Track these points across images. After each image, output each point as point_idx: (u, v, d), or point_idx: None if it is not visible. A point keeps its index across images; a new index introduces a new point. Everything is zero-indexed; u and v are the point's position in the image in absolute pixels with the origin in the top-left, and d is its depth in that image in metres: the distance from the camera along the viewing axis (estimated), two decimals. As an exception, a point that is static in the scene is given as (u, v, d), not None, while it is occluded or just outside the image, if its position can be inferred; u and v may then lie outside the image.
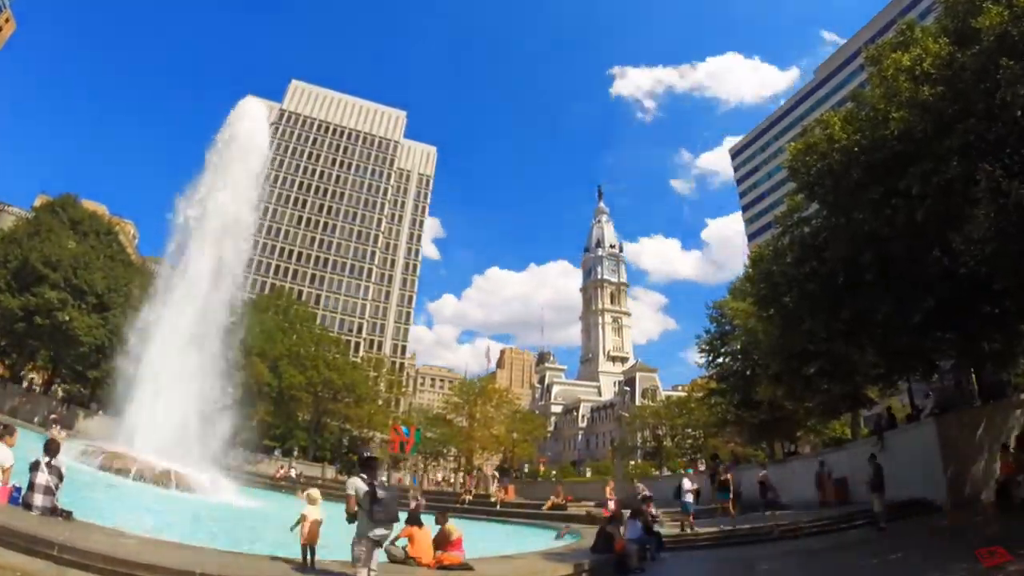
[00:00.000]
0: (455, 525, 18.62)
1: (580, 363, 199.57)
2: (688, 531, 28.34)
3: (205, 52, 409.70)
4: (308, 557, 14.06)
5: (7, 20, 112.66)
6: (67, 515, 14.11)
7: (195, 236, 44.89)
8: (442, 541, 17.38)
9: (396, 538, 16.13)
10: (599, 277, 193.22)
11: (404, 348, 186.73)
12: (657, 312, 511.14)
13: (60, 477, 14.40)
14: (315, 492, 15.38)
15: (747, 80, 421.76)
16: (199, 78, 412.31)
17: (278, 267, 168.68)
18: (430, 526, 17.62)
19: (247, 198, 48.19)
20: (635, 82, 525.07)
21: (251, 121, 51.84)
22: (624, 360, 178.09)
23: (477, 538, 20.75)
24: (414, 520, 17.03)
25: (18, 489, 14.28)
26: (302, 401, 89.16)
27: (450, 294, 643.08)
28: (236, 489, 39.26)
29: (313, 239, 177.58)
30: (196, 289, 42.87)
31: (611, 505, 34.77)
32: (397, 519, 12.74)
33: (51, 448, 14.69)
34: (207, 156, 48.66)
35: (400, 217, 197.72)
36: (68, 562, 10.99)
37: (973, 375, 33.33)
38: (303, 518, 14.28)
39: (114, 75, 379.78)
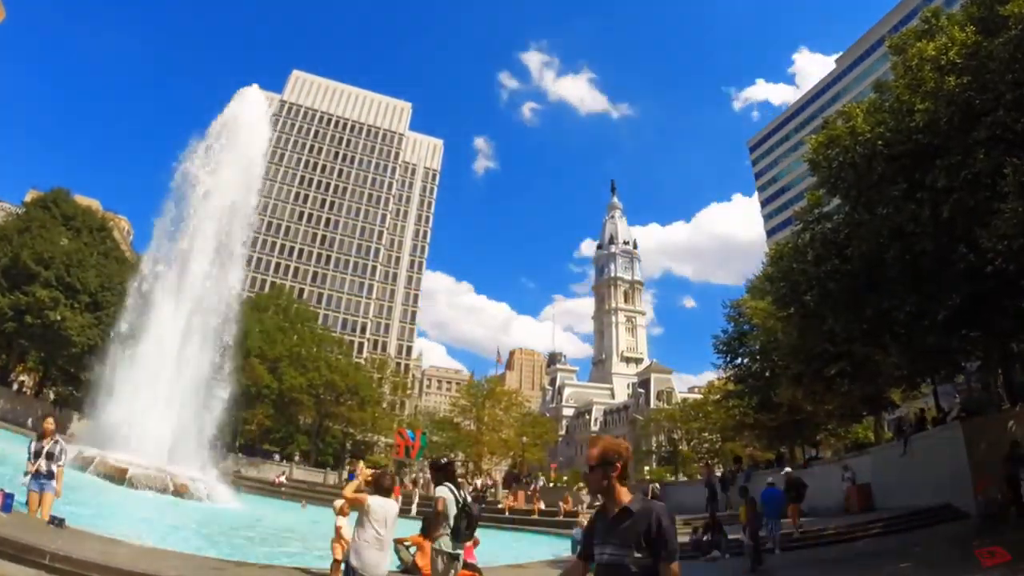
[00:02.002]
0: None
1: (592, 364, 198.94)
2: None
3: (202, 41, 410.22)
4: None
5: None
6: (60, 522, 14.13)
7: (191, 232, 44.97)
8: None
9: (407, 544, 16.18)
10: (612, 275, 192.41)
11: (409, 349, 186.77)
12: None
13: (62, 452, 15.73)
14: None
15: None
16: (196, 68, 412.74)
17: (278, 264, 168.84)
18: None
19: (246, 190, 48.27)
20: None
21: (250, 108, 51.94)
22: (638, 361, 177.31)
23: (484, 545, 20.81)
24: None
25: (9, 496, 14.29)
26: (303, 404, 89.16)
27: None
28: (235, 495, 39.40)
29: (315, 235, 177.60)
30: (192, 287, 42.95)
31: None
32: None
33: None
34: (203, 146, 48.74)
35: (405, 212, 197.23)
36: (60, 571, 11.02)
37: (1001, 376, 33.25)
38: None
39: (108, 66, 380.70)
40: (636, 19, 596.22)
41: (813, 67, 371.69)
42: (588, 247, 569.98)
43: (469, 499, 12.18)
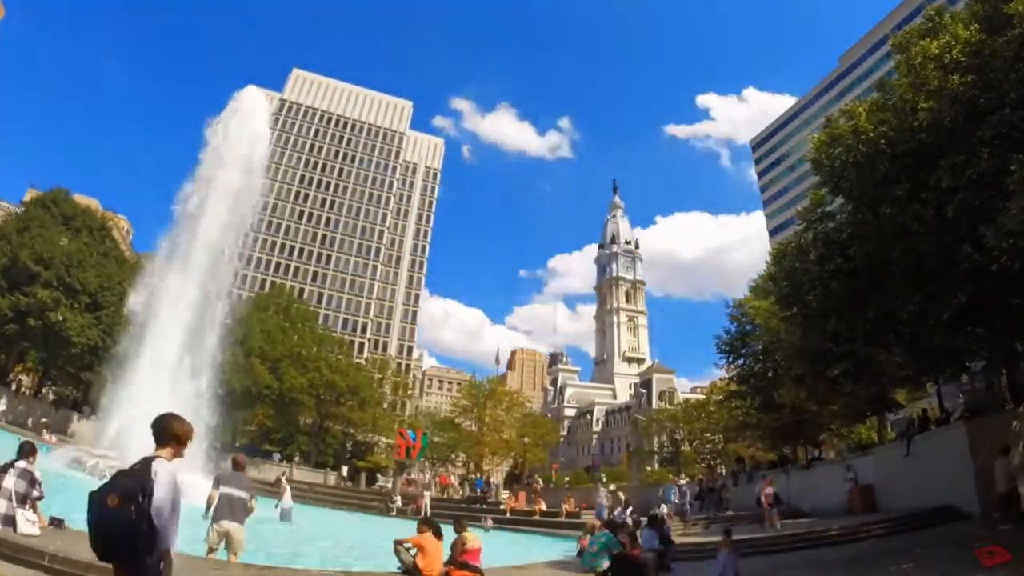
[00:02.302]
0: (474, 534, 18.61)
1: (594, 364, 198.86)
2: None
3: (202, 39, 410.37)
4: None
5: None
6: (59, 523, 14.08)
7: (190, 232, 44.94)
8: (456, 549, 17.35)
9: (407, 545, 16.16)
10: (614, 274, 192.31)
11: (410, 349, 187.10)
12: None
13: (33, 483, 13.62)
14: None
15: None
16: (195, 66, 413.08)
17: (278, 264, 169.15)
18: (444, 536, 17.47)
19: (245, 192, 48.21)
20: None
21: (251, 110, 51.91)
22: (640, 361, 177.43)
23: (485, 547, 20.81)
24: (430, 528, 16.86)
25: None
26: (304, 404, 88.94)
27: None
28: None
29: (315, 235, 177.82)
30: (191, 287, 42.94)
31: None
32: None
33: (25, 450, 13.98)
34: (203, 146, 48.74)
35: (406, 212, 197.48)
36: (59, 572, 11.01)
37: (1005, 376, 33.19)
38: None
39: (106, 64, 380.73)
40: (557, 65, 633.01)
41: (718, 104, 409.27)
42: (526, 273, 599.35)
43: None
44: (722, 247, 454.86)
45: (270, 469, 73.67)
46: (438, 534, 16.53)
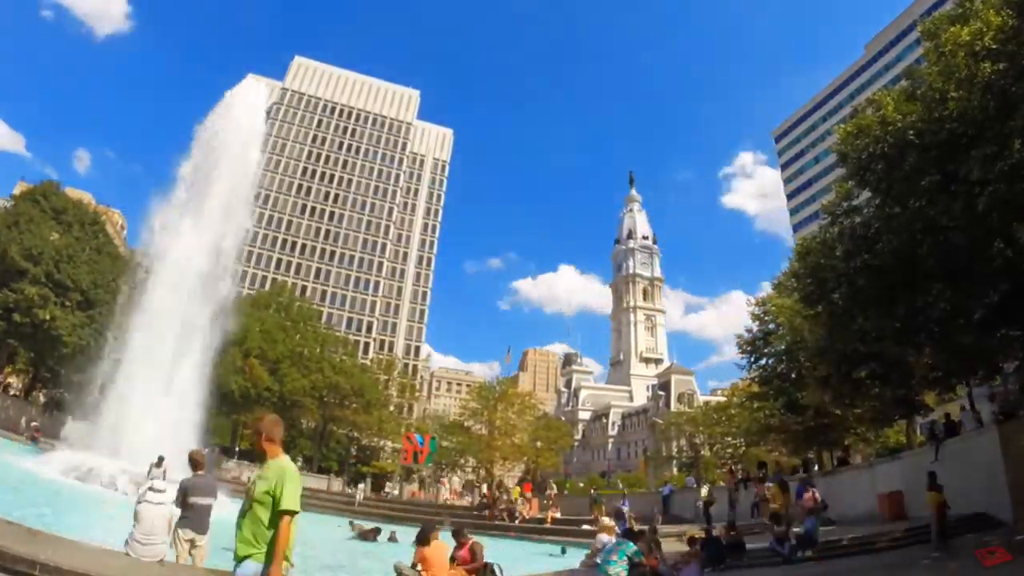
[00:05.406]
0: (478, 543, 18.62)
1: (610, 365, 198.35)
2: None
3: (200, 26, 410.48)
4: None
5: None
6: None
7: (184, 226, 45.04)
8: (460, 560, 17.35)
9: (415, 565, 16.11)
10: (630, 271, 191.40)
11: (418, 349, 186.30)
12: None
13: None
14: None
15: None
16: (193, 54, 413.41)
17: (280, 261, 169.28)
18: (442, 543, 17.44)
19: (242, 182, 48.32)
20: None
21: (247, 99, 52.09)
22: (658, 362, 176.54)
23: (496, 556, 20.79)
24: (424, 539, 16.79)
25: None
26: (306, 407, 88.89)
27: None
28: (234, 503, 39.40)
29: (318, 230, 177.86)
30: (185, 284, 43.02)
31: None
32: None
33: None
34: (197, 137, 48.90)
35: (413, 206, 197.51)
36: (50, 582, 11.04)
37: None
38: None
39: (102, 55, 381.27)
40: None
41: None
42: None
43: None
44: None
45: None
46: (424, 541, 16.52)
